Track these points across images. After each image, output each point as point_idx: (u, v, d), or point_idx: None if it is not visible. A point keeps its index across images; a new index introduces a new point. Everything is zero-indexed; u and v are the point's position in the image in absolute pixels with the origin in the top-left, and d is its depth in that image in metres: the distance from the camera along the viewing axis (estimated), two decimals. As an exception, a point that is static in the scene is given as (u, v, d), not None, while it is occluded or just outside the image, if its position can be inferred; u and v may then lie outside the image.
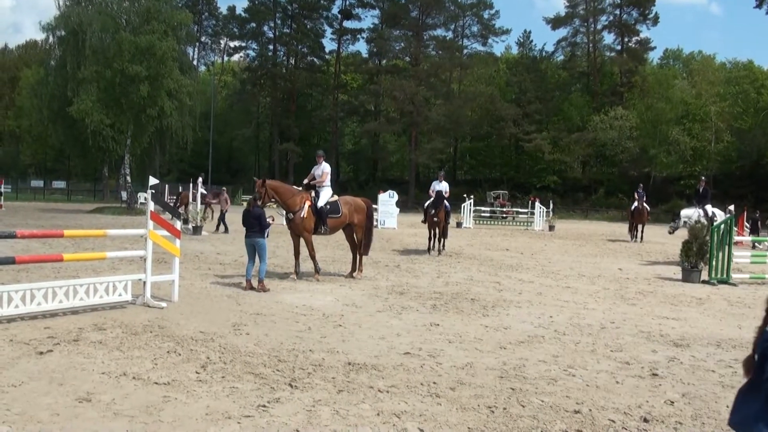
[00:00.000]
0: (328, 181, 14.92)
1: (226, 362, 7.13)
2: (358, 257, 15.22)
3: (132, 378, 6.41)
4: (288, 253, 19.38)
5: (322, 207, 14.37)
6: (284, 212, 14.33)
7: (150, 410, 5.56)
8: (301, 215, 14.06)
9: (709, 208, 21.34)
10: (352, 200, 15.47)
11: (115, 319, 9.08)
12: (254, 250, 12.65)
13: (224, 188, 31.83)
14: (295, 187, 15.29)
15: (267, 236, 12.88)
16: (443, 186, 21.25)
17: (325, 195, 14.64)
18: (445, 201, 21.03)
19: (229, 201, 28.70)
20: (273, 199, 14.07)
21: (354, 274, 14.88)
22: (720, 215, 20.67)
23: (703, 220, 19.76)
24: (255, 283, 12.43)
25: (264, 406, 5.77)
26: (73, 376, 6.38)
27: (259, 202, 13.21)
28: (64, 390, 5.98)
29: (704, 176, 26.09)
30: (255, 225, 12.64)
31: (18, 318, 8.73)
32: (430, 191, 21.33)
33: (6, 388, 5.97)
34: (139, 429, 5.16)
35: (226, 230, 26.86)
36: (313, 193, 14.59)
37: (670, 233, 22.81)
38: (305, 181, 15.12)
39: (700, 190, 22.55)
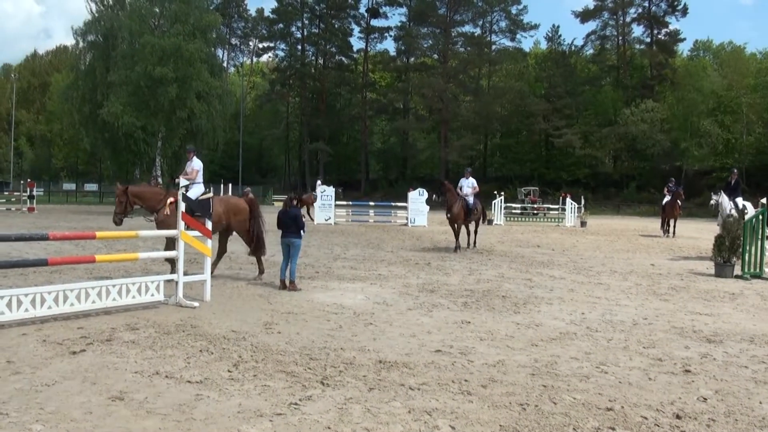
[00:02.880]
0: (199, 178, 13.99)
1: (258, 361, 7.16)
2: (257, 257, 14.15)
3: (165, 377, 6.46)
4: (319, 251, 19.47)
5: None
6: (153, 217, 13.36)
7: (182, 408, 5.59)
8: (163, 214, 13.01)
9: (740, 201, 20.86)
10: (228, 199, 14.51)
11: (148, 319, 9.16)
12: (290, 250, 12.67)
13: (248, 188, 32.41)
14: (161, 189, 14.22)
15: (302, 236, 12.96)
16: (470, 182, 21.08)
17: (194, 193, 13.36)
18: (467, 197, 20.76)
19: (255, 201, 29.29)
20: (137, 206, 13.16)
21: (254, 278, 13.88)
22: (751, 209, 20.32)
23: (733, 212, 19.46)
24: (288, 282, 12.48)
25: (296, 404, 5.78)
26: (106, 375, 6.44)
27: (120, 216, 12.81)
28: (97, 389, 6.03)
29: (736, 169, 25.38)
30: (291, 225, 12.69)
31: (51, 318, 8.83)
32: (458, 189, 21.11)
33: (40, 387, 6.04)
34: (172, 427, 5.19)
35: None
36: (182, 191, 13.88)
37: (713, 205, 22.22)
38: (177, 180, 13.95)
39: (732, 182, 21.96)
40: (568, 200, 40.50)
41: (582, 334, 9.00)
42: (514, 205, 46.63)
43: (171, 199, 12.98)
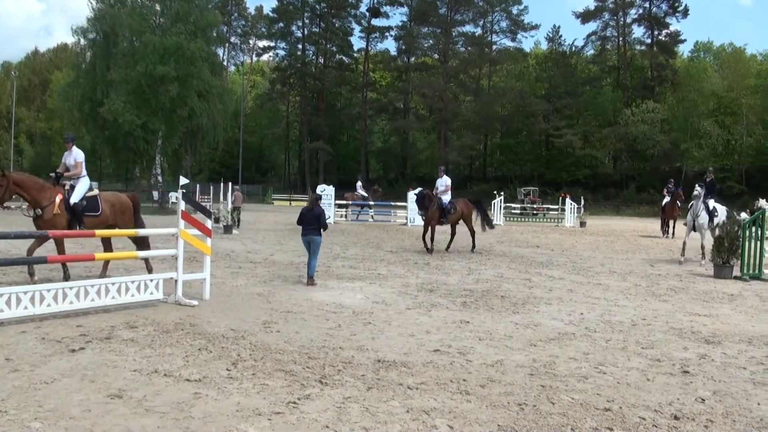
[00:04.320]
0: (84, 172, 12.58)
1: (257, 359, 7.16)
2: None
3: (163, 375, 6.46)
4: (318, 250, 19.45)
5: (77, 203, 12.06)
6: (32, 210, 11.77)
7: (181, 407, 5.60)
8: (52, 212, 11.66)
9: (711, 202, 19.86)
10: (113, 196, 13.24)
11: (147, 317, 9.16)
12: (310, 246, 13.13)
13: (237, 187, 32.56)
14: (43, 180, 12.26)
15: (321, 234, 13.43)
16: (443, 181, 20.75)
17: (82, 188, 12.28)
18: (441, 197, 20.39)
19: (242, 198, 29.84)
20: (16, 195, 11.67)
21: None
22: (722, 212, 19.77)
23: (700, 216, 18.95)
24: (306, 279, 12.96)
25: (294, 402, 5.79)
26: (105, 374, 6.44)
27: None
28: (96, 387, 6.04)
29: (711, 168, 24.34)
30: (314, 223, 13.08)
31: (50, 316, 8.83)
32: (434, 189, 20.87)
33: (38, 385, 6.05)
34: (170, 425, 5.20)
35: (237, 225, 27.66)
36: (67, 186, 12.25)
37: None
38: (58, 171, 12.56)
39: (707, 182, 20.46)
40: (568, 200, 40.52)
41: (581, 334, 9.01)
42: (513, 205, 46.73)
43: (59, 197, 11.87)
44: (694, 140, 67.58)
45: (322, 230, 13.29)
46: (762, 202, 18.98)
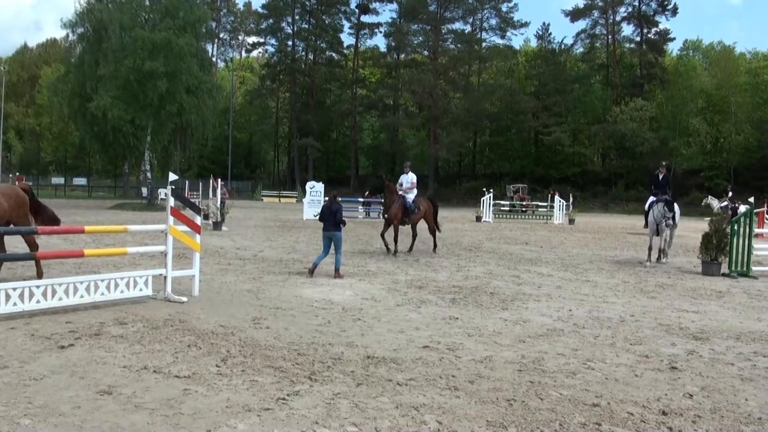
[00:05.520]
0: None
1: (246, 356, 7.16)
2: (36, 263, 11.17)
3: (153, 371, 6.45)
4: (308, 247, 19.46)
5: None
6: None
7: (170, 403, 5.59)
8: None
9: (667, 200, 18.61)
10: (9, 189, 11.44)
11: (136, 314, 9.13)
12: (330, 242, 13.79)
13: (222, 182, 32.40)
14: None
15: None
16: (409, 178, 19.61)
17: None
18: (406, 195, 19.17)
19: (227, 194, 29.59)
20: None
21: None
22: (677, 208, 19.11)
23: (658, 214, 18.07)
24: (314, 272, 13.59)
25: (283, 399, 5.78)
26: (95, 370, 6.42)
27: None
28: (86, 383, 6.02)
29: (665, 163, 22.94)
30: (331, 219, 13.74)
31: (40, 313, 8.78)
32: (397, 186, 19.54)
33: (28, 381, 6.03)
34: (160, 421, 5.19)
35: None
36: None
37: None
38: None
39: (660, 177, 19.32)
40: (557, 198, 40.63)
41: (569, 330, 9.04)
42: (502, 202, 46.82)
43: None
44: (683, 138, 67.92)
45: (341, 226, 13.89)
46: (709, 200, 18.69)
